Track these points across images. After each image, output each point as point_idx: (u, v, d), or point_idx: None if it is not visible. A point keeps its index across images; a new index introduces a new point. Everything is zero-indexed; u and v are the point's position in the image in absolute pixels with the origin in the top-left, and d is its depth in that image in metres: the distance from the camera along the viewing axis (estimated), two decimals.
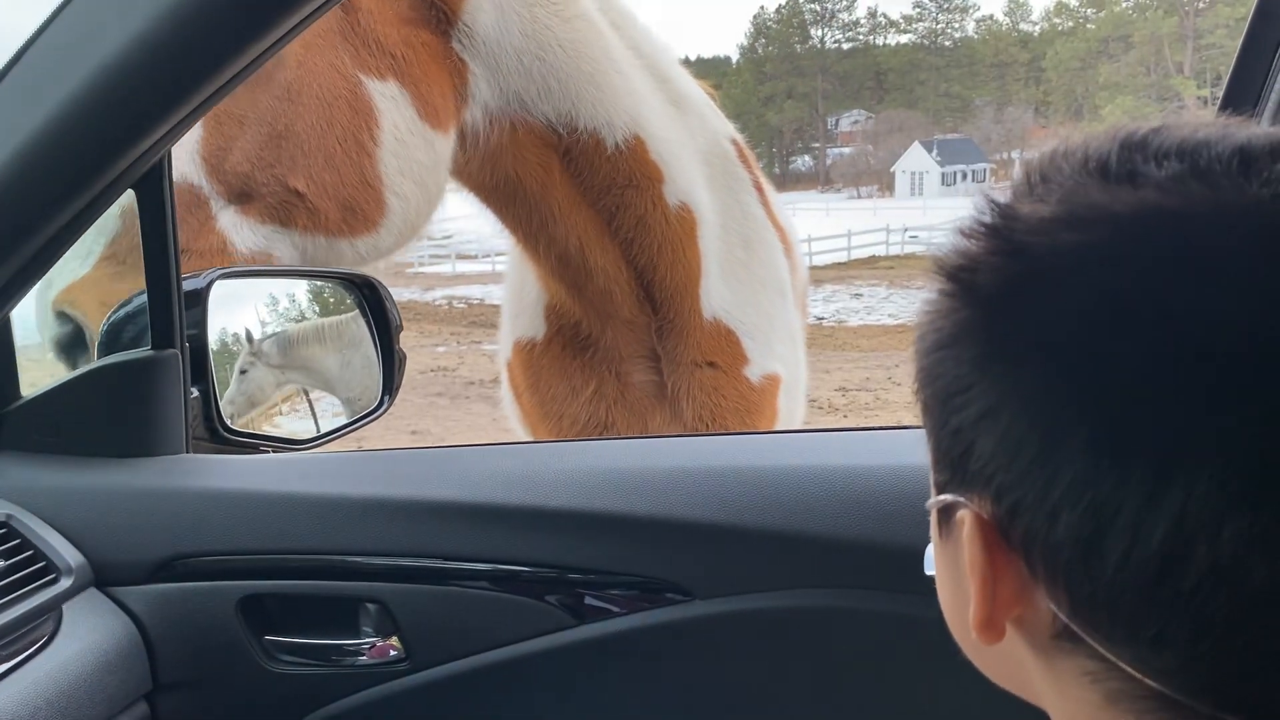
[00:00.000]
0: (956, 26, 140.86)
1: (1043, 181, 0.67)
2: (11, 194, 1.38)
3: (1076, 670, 0.62)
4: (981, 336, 0.64)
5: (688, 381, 2.30)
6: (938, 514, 0.73)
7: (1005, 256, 0.64)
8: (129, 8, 1.24)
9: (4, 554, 1.43)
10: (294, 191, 1.92)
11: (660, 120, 2.29)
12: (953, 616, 0.77)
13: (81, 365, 1.79)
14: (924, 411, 0.71)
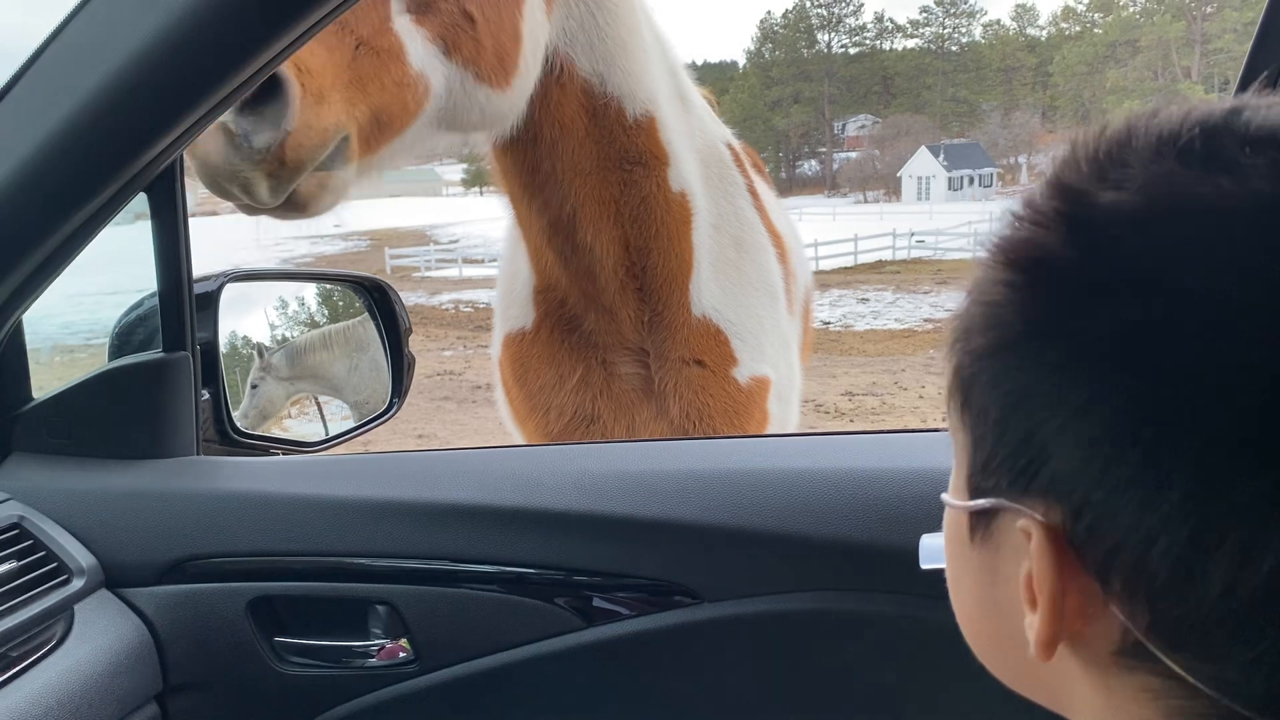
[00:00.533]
0: (963, 31, 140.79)
1: (1114, 165, 0.61)
2: (25, 197, 1.38)
3: (1136, 687, 0.59)
4: (1063, 338, 0.58)
5: (675, 378, 2.30)
6: (971, 517, 0.69)
7: (1090, 250, 0.59)
8: (141, 13, 1.25)
9: (16, 555, 1.44)
10: (468, 16, 1.88)
11: (670, 107, 2.31)
12: (973, 622, 0.74)
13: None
14: (972, 413, 0.66)
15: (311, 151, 1.63)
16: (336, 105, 1.66)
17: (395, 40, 1.76)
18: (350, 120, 1.70)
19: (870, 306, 24.57)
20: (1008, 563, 0.65)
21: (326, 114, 1.62)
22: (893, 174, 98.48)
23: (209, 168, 1.59)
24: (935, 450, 1.48)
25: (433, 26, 1.82)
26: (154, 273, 1.61)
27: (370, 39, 1.71)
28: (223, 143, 1.54)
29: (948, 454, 1.43)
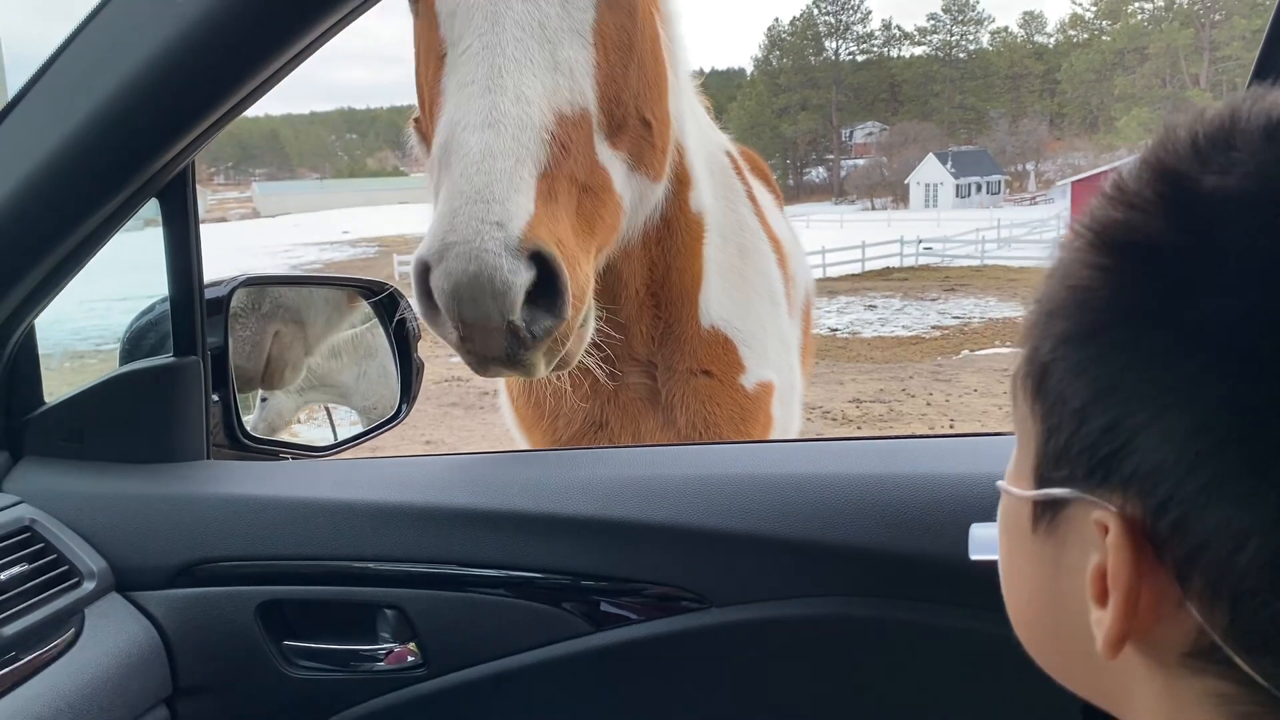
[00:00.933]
0: (971, 39, 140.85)
1: (1218, 149, 0.59)
2: (38, 203, 1.40)
3: (1203, 691, 0.57)
4: (1165, 325, 0.56)
5: (682, 389, 2.31)
6: (1035, 507, 0.67)
7: (1194, 235, 0.57)
8: (154, 21, 1.26)
9: (27, 558, 1.44)
10: (645, 123, 1.90)
11: (692, 127, 2.31)
12: (1028, 613, 0.72)
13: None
14: (1048, 400, 0.64)
15: (580, 317, 1.66)
16: (585, 263, 1.69)
17: (604, 173, 1.79)
18: (592, 269, 1.74)
19: (878, 313, 24.55)
20: (1073, 555, 0.63)
21: (582, 276, 1.65)
22: (900, 181, 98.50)
23: (489, 361, 1.59)
24: (944, 456, 1.48)
25: (624, 145, 1.85)
26: (164, 278, 1.62)
27: (588, 180, 1.73)
28: (505, 339, 1.54)
29: (956, 459, 1.44)
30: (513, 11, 1.63)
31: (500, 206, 1.48)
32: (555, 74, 1.66)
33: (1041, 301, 0.66)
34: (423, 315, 1.61)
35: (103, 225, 1.47)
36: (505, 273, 1.47)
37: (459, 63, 1.62)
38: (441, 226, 1.48)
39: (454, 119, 1.57)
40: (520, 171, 1.54)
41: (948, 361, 17.09)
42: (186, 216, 1.57)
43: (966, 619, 1.33)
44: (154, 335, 1.76)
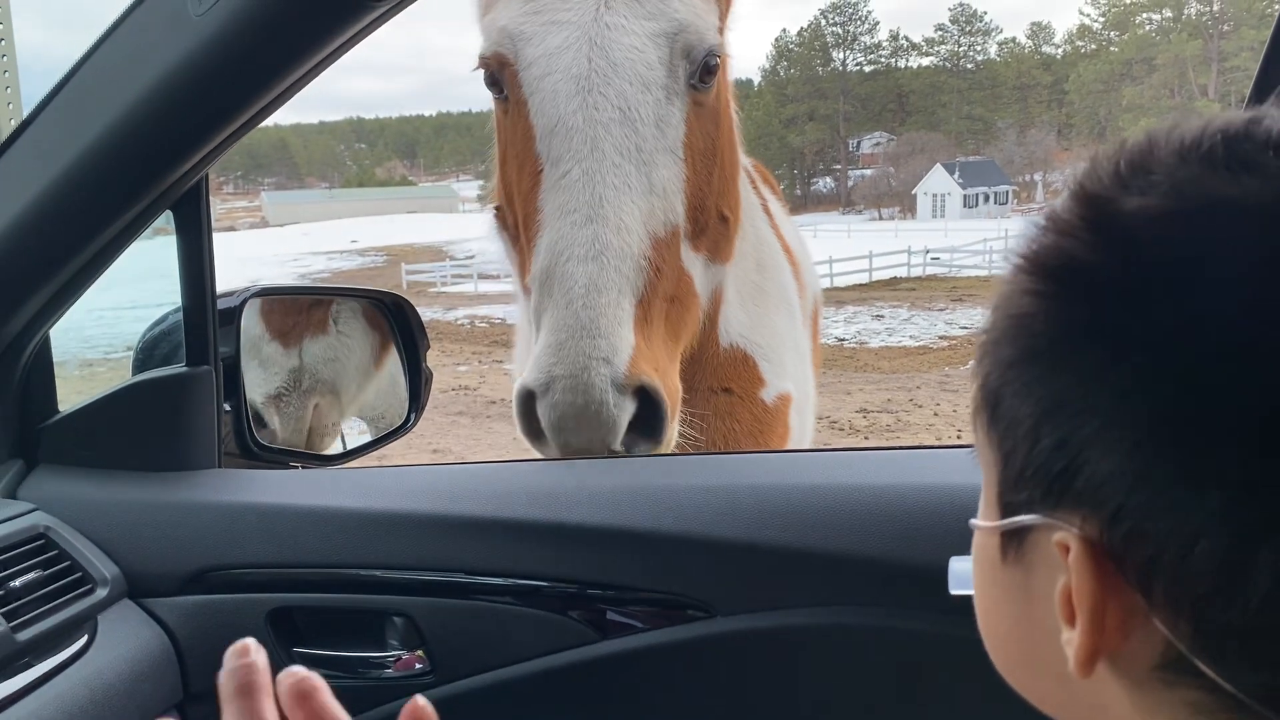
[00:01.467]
0: (979, 49, 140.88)
1: (1137, 173, 0.61)
2: (56, 214, 1.42)
3: (1177, 702, 0.58)
4: (1099, 342, 0.58)
5: (702, 407, 2.32)
6: (1002, 538, 0.67)
7: (1118, 254, 0.59)
8: (170, 36, 1.28)
9: (42, 564, 1.46)
10: (723, 218, 1.96)
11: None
12: (1006, 645, 0.73)
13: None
14: (1001, 426, 0.65)
15: (674, 422, 1.73)
16: (674, 373, 1.75)
17: (688, 279, 1.84)
18: (677, 371, 1.81)
19: (885, 323, 24.54)
20: (1042, 580, 0.64)
21: (672, 386, 1.71)
22: (908, 191, 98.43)
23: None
24: (950, 466, 1.49)
25: (705, 245, 1.90)
26: (177, 288, 1.64)
27: (675, 291, 1.78)
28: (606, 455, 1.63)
29: (962, 470, 1.45)
30: (612, 137, 1.67)
31: (606, 342, 1.55)
32: (651, 197, 1.71)
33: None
34: (526, 437, 1.68)
35: (118, 236, 1.49)
36: (611, 408, 1.55)
37: (559, 186, 1.67)
38: (548, 359, 1.55)
39: (557, 248, 1.63)
40: (623, 304, 1.61)
41: (955, 372, 17.07)
42: (200, 228, 1.59)
43: (972, 630, 1.34)
44: (166, 345, 1.78)
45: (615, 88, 1.70)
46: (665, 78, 1.76)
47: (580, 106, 1.69)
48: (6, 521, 1.49)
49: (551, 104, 1.71)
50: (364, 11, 1.23)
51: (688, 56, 1.78)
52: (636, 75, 1.72)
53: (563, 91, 1.70)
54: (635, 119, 1.71)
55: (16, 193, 1.42)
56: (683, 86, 1.79)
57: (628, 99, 1.71)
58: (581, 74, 1.70)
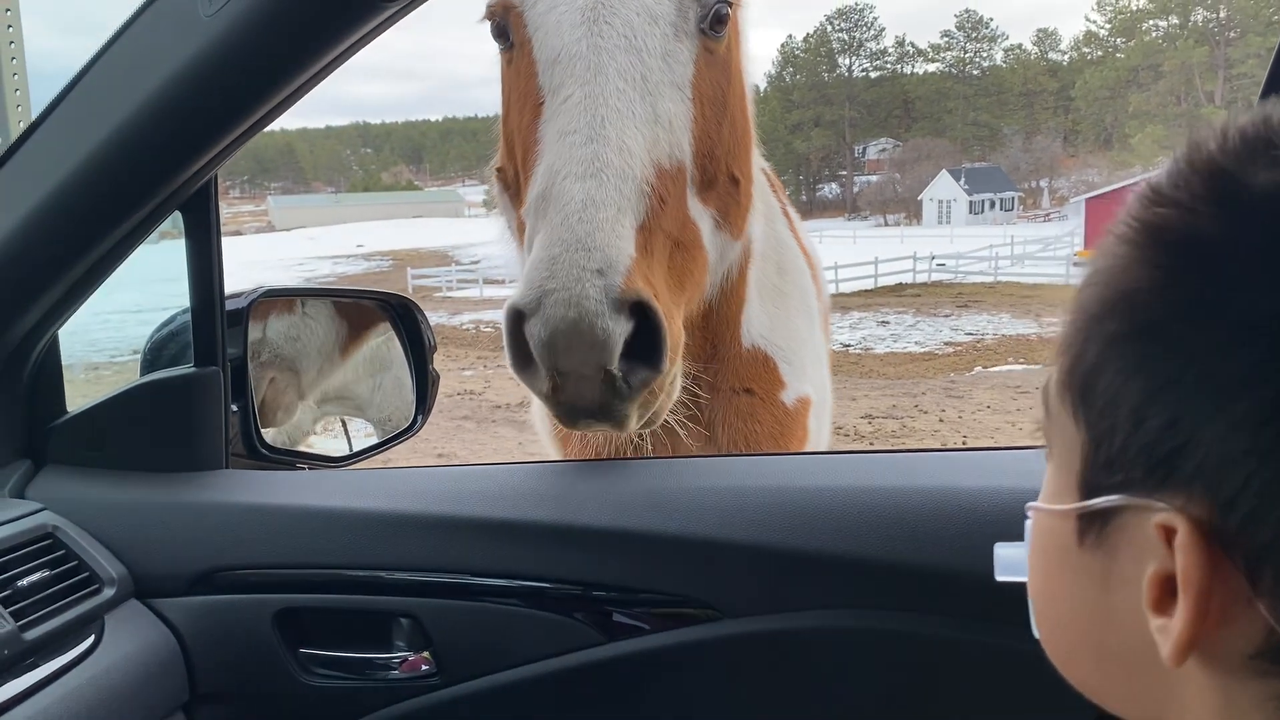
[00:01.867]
0: (985, 55, 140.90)
1: (1261, 148, 0.60)
2: (65, 214, 1.43)
3: (1264, 694, 0.57)
4: (1221, 319, 0.56)
5: (724, 408, 2.31)
6: (1080, 521, 0.65)
7: (1248, 229, 0.57)
8: (178, 39, 1.29)
9: (49, 564, 1.47)
10: (734, 179, 1.91)
11: (757, 158, 2.33)
12: (1069, 632, 0.70)
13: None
14: (1096, 404, 0.63)
15: (675, 371, 1.64)
16: (677, 317, 1.67)
17: (695, 228, 1.79)
18: (682, 323, 1.72)
19: (890, 329, 24.53)
20: (1126, 565, 0.62)
21: (676, 329, 1.62)
22: (913, 197, 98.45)
23: (580, 413, 1.56)
24: (956, 470, 1.49)
25: (713, 201, 1.85)
26: (182, 291, 1.64)
27: (680, 235, 1.73)
28: (600, 390, 1.51)
29: (970, 474, 1.45)
30: (616, 63, 1.64)
31: (601, 254, 1.48)
32: (656, 126, 1.66)
33: (1083, 307, 0.66)
34: (513, 366, 1.58)
35: (127, 238, 1.50)
36: (606, 320, 1.45)
37: (560, 110, 1.62)
38: (539, 274, 1.47)
39: (554, 167, 1.57)
40: (622, 221, 1.54)
41: (960, 378, 17.07)
42: (209, 229, 1.59)
43: (978, 632, 1.34)
44: (174, 346, 1.79)
45: (621, 17, 1.68)
46: (674, 15, 1.74)
47: (585, 35, 1.66)
48: (14, 521, 1.49)
49: (555, 34, 1.68)
50: (374, 13, 1.24)
51: (699, 2, 1.77)
52: (644, 7, 1.70)
53: (566, 22, 1.67)
54: (641, 48, 1.68)
55: (27, 192, 1.43)
56: (693, 28, 1.77)
57: (634, 28, 1.68)
58: (587, 5, 1.67)
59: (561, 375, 1.50)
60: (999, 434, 12.13)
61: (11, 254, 1.46)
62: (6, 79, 3.35)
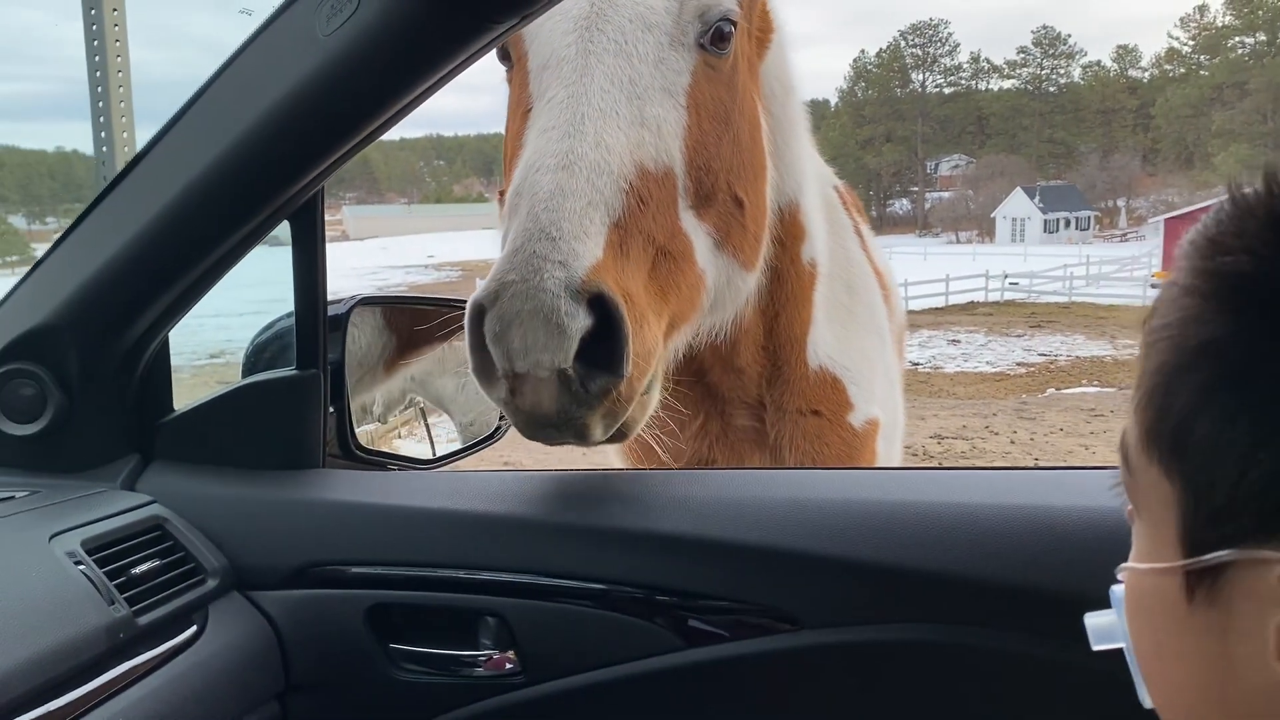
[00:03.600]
0: (1062, 72, 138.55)
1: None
2: (185, 222, 1.50)
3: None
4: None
5: (791, 430, 2.30)
6: (1188, 578, 0.63)
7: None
8: (296, 57, 1.36)
9: (159, 554, 1.54)
10: (738, 201, 1.84)
11: (810, 182, 2.31)
12: (1189, 692, 0.67)
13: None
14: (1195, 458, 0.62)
15: (643, 381, 1.55)
16: (654, 325, 1.59)
17: (685, 240, 1.72)
18: (661, 335, 1.64)
19: (961, 348, 24.20)
20: (1246, 619, 0.60)
21: (649, 337, 1.55)
22: (986, 215, 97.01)
23: (539, 418, 1.49)
24: (1037, 488, 1.49)
25: (711, 219, 1.79)
26: (261, 295, 1.70)
27: (667, 243, 1.66)
28: (557, 392, 1.44)
29: (1047, 492, 1.45)
30: (603, 65, 1.61)
31: (566, 245, 1.42)
32: (641, 128, 1.62)
33: (1160, 363, 0.64)
34: (473, 369, 1.51)
35: (238, 246, 1.57)
36: (561, 314, 1.37)
37: (542, 111, 1.60)
38: (501, 266, 1.42)
39: (529, 162, 1.53)
40: (591, 214, 1.48)
41: (1033, 399, 16.78)
42: (315, 237, 1.66)
43: (1056, 650, 1.34)
44: (274, 347, 1.86)
45: (614, 24, 1.65)
46: (671, 26, 1.70)
47: (575, 40, 1.63)
48: (127, 512, 1.57)
49: (547, 42, 1.66)
50: (482, 34, 1.29)
51: (700, 18, 1.73)
52: (638, 15, 1.67)
53: (559, 30, 1.66)
54: (631, 53, 1.64)
55: (149, 202, 1.51)
56: (691, 41, 1.73)
57: (625, 34, 1.65)
58: (581, 14, 1.65)
59: (518, 377, 1.43)
60: (1071, 457, 11.90)
61: (133, 260, 1.54)
62: (113, 90, 3.50)
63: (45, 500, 1.55)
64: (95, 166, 3.83)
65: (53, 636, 1.24)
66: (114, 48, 3.48)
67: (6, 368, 1.62)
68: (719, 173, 1.79)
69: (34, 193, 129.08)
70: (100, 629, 1.31)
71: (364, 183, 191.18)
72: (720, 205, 1.81)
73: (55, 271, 1.61)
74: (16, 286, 1.65)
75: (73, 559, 1.39)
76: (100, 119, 3.69)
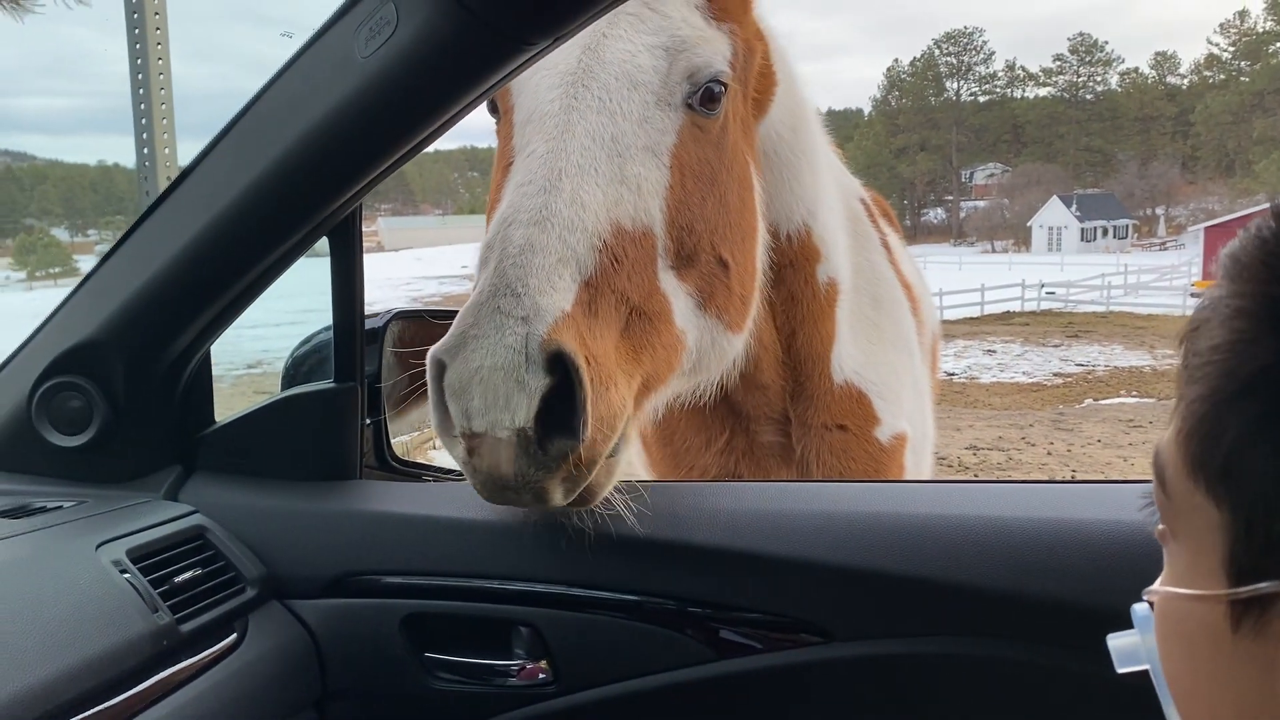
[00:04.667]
0: (1099, 80, 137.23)
1: None
2: (227, 239, 1.54)
3: None
4: None
5: (817, 445, 2.29)
6: (1234, 608, 0.61)
7: None
8: (338, 76, 1.39)
9: (201, 563, 1.57)
10: (722, 263, 1.80)
11: (828, 204, 2.30)
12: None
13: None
14: (1244, 486, 0.60)
15: (606, 445, 1.49)
16: (621, 387, 1.54)
17: (664, 301, 1.68)
18: (630, 398, 1.58)
19: (997, 358, 23.99)
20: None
21: (615, 400, 1.49)
22: (1022, 224, 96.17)
23: (497, 480, 1.42)
24: (1070, 502, 1.49)
25: (693, 279, 1.76)
26: (298, 306, 1.73)
27: (642, 304, 1.62)
28: (515, 453, 1.38)
29: (1079, 505, 1.45)
30: (585, 122, 1.60)
31: (530, 300, 1.39)
32: (620, 186, 1.60)
33: (1209, 387, 0.63)
34: (435, 425, 1.47)
35: (279, 261, 1.61)
36: (521, 372, 1.34)
37: (521, 165, 1.58)
38: (464, 320, 1.40)
39: (504, 216, 1.51)
40: (560, 272, 1.45)
41: (1070, 410, 16.59)
42: (353, 252, 1.69)
43: (1090, 664, 1.34)
44: (312, 361, 1.90)
45: (600, 81, 1.63)
46: (658, 85, 1.68)
47: (560, 96, 1.62)
48: (170, 522, 1.61)
49: (533, 97, 1.65)
50: (517, 54, 1.32)
51: (690, 78, 1.71)
52: (625, 73, 1.65)
53: (545, 84, 1.64)
54: (615, 111, 1.62)
55: (194, 219, 1.55)
56: (679, 101, 1.71)
57: (610, 91, 1.63)
58: (568, 70, 1.64)
59: (475, 436, 1.38)
60: (1109, 469, 11.77)
61: (176, 276, 1.58)
62: (155, 105, 3.58)
63: (92, 510, 1.60)
64: (137, 179, 3.92)
65: (100, 642, 1.27)
66: (156, 65, 3.56)
67: (55, 381, 1.67)
68: (702, 234, 1.76)
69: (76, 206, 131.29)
70: (145, 636, 1.35)
71: (399, 194, 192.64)
72: (703, 266, 1.77)
73: (102, 287, 1.65)
74: (64, 302, 1.70)
75: (118, 567, 1.42)
76: (143, 134, 3.78)
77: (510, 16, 1.27)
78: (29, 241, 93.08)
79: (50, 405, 1.68)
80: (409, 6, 1.29)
